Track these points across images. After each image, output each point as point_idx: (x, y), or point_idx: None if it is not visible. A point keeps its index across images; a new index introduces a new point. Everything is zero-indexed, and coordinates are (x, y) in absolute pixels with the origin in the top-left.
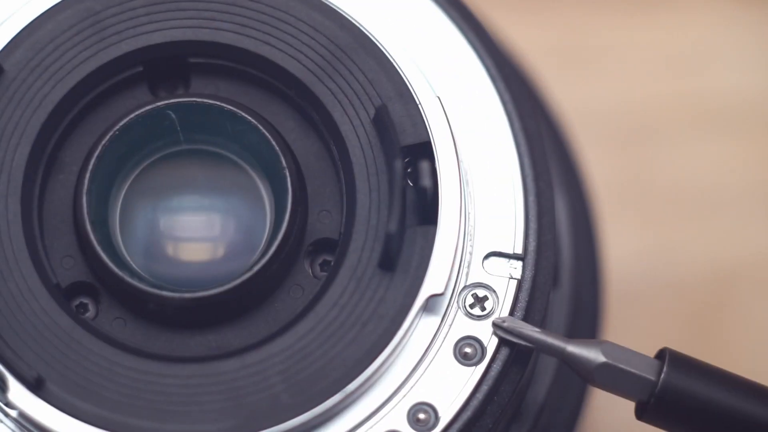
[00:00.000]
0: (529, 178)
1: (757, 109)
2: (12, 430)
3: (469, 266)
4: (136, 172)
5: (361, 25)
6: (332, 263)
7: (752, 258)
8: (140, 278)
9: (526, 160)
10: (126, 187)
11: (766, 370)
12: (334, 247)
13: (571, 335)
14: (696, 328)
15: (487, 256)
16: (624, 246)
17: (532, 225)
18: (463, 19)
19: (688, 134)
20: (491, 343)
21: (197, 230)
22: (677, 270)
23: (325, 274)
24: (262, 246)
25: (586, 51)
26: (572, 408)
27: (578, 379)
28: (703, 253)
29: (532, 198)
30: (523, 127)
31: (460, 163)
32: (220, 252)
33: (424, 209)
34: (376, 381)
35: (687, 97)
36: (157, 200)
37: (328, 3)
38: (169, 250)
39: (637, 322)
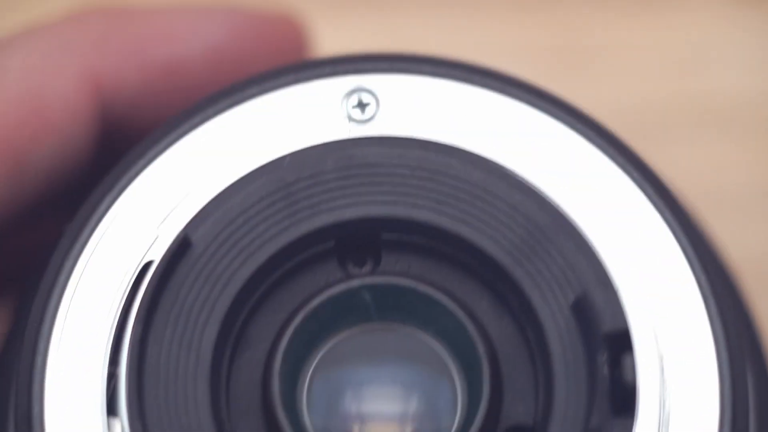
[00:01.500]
0: (726, 375)
1: (757, 109)
2: None
3: None
4: (324, 350)
5: (560, 206)
6: None
7: (752, 258)
8: None
9: (724, 356)
10: (313, 366)
11: None
12: None
13: None
14: None
15: None
16: None
17: (727, 422)
18: (666, 204)
19: (688, 134)
20: None
21: (386, 412)
22: None
23: None
24: None
25: (585, 51)
26: None
27: None
28: None
29: (728, 394)
30: (722, 321)
31: (662, 355)
32: (401, 430)
33: (622, 401)
34: None
35: (687, 97)
36: (342, 373)
37: (526, 182)
38: (350, 424)
39: None
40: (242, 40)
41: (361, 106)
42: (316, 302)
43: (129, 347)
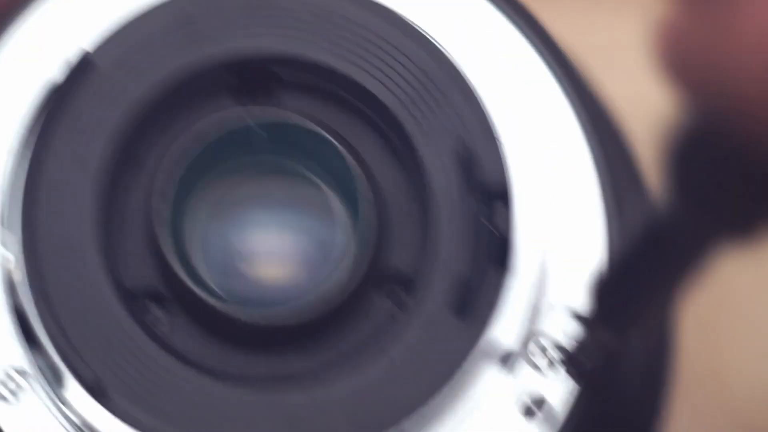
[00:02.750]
0: (608, 237)
1: None
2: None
3: (539, 317)
4: (213, 182)
5: (453, 58)
6: (404, 300)
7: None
8: (207, 290)
9: (612, 213)
10: (203, 196)
11: (765, 370)
12: (405, 281)
13: None
14: (695, 328)
15: (558, 308)
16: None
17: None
18: (558, 63)
19: None
20: (556, 398)
21: (270, 247)
22: None
23: (394, 306)
24: (334, 273)
25: (585, 50)
26: None
27: None
28: None
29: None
30: (609, 174)
31: (540, 209)
32: (291, 271)
33: (500, 254)
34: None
35: None
36: (232, 213)
37: (422, 32)
38: (239, 263)
39: None
40: None
41: None
42: (199, 126)
43: (29, 162)
